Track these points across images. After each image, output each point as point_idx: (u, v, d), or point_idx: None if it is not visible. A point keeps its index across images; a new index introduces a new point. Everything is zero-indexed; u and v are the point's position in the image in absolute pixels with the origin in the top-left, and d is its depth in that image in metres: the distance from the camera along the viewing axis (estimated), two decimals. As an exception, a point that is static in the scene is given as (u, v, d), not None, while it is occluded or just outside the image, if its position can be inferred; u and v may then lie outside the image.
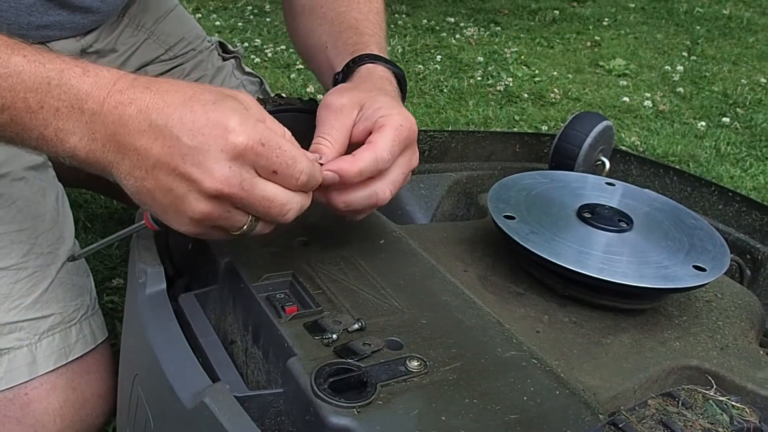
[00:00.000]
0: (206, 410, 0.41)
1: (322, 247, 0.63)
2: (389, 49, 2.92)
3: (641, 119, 2.12)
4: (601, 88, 2.40)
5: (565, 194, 0.81)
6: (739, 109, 2.22)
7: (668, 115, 2.16)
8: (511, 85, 2.35)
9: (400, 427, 0.43)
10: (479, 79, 2.40)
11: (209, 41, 1.08)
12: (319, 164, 0.53)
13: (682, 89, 2.38)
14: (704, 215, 1.01)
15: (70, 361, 0.77)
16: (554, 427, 0.45)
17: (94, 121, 0.50)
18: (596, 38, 2.98)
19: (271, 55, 2.57)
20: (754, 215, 0.98)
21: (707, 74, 2.55)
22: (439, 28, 3.03)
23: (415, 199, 1.02)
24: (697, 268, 0.68)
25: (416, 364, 0.48)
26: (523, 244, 0.68)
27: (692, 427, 0.36)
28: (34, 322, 0.75)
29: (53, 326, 0.77)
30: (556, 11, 3.34)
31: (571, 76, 2.50)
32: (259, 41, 2.74)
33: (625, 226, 0.74)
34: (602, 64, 2.64)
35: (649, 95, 2.31)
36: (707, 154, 1.86)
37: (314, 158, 0.53)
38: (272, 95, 0.83)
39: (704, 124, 2.07)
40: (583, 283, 0.67)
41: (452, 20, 3.15)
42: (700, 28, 3.20)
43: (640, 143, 1.92)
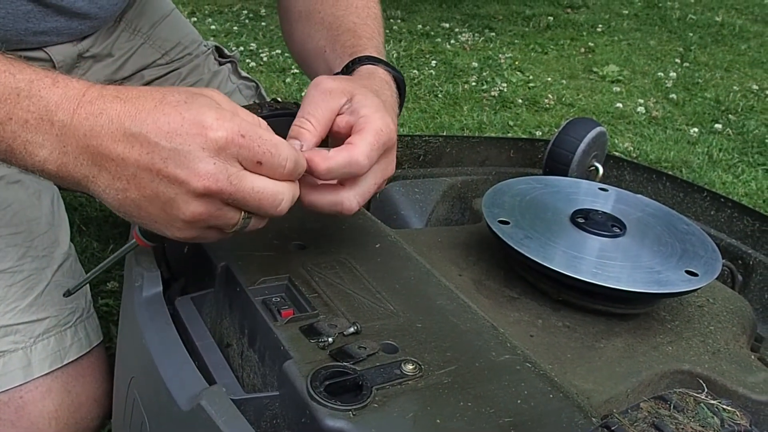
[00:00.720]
0: (203, 413, 0.42)
1: (317, 251, 0.63)
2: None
3: (634, 125, 2.14)
4: (594, 94, 2.41)
5: (558, 199, 0.81)
6: (731, 115, 2.24)
7: (661, 121, 2.18)
8: (505, 90, 2.36)
9: (395, 430, 0.43)
10: (474, 84, 2.42)
11: (205, 45, 1.09)
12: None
13: (675, 95, 2.40)
14: (696, 221, 1.02)
15: (65, 364, 0.77)
16: (548, 430, 0.46)
17: (64, 133, 0.48)
18: (590, 44, 3.00)
19: (266, 59, 2.58)
20: (745, 221, 0.99)
21: (700, 81, 2.57)
22: (433, 33, 3.05)
23: (410, 203, 1.03)
24: (689, 273, 0.69)
25: (411, 367, 0.49)
26: (517, 248, 0.68)
27: (684, 430, 0.36)
28: (29, 325, 0.75)
29: (48, 329, 0.77)
30: (550, 17, 3.37)
31: (565, 81, 2.52)
32: (254, 45, 2.74)
33: (618, 231, 0.75)
34: (596, 70, 2.65)
35: (642, 101, 2.33)
36: (700, 160, 1.87)
37: (295, 145, 0.53)
38: (268, 100, 0.83)
39: (697, 130, 2.09)
40: (576, 287, 0.67)
41: (447, 26, 3.17)
42: (692, 34, 3.22)
43: (633, 149, 1.94)
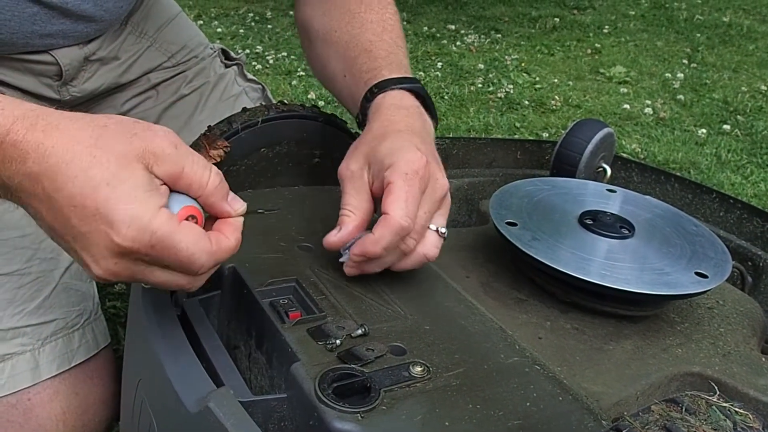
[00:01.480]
0: (211, 415, 0.41)
1: (324, 252, 0.63)
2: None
3: (642, 126, 2.13)
4: (601, 95, 2.40)
5: (566, 201, 0.81)
6: (739, 116, 2.23)
7: (669, 122, 2.17)
8: (511, 92, 2.35)
9: (403, 432, 0.43)
10: (480, 86, 2.41)
11: (212, 48, 1.09)
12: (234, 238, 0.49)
13: (682, 96, 2.39)
14: (705, 222, 1.01)
15: (72, 366, 0.77)
16: (557, 433, 0.45)
17: None
18: (596, 45, 2.99)
19: (272, 61, 2.59)
20: (755, 222, 0.99)
21: (707, 81, 2.56)
22: (439, 35, 3.05)
23: (416, 205, 1.03)
24: (699, 274, 0.68)
25: (419, 369, 0.48)
26: (525, 250, 0.68)
27: (695, 433, 0.36)
28: (37, 327, 0.76)
29: (56, 331, 0.77)
30: (556, 19, 3.36)
31: (571, 83, 2.51)
32: (260, 48, 2.75)
33: (626, 232, 0.74)
34: (603, 71, 2.65)
35: (649, 102, 2.32)
36: (708, 161, 1.86)
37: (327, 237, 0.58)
38: (274, 102, 0.83)
39: (705, 131, 2.08)
40: (585, 289, 0.67)
41: (453, 27, 3.17)
42: (700, 35, 3.21)
43: (640, 150, 1.93)
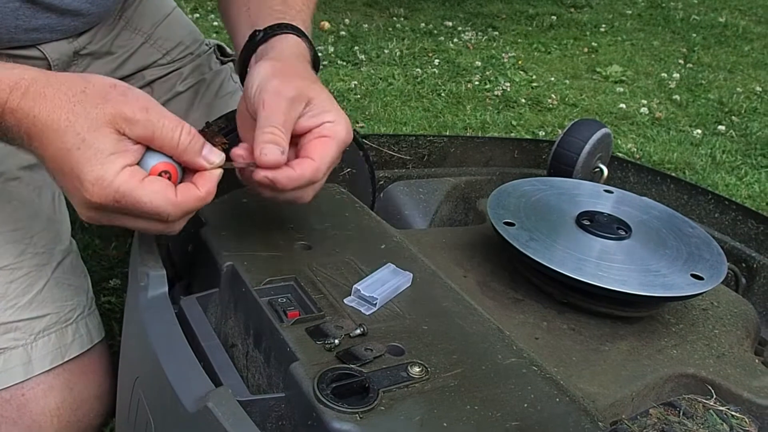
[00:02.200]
0: (209, 415, 0.41)
1: (323, 251, 0.63)
2: (387, 51, 2.92)
3: (637, 126, 2.13)
4: (597, 94, 2.41)
5: (564, 201, 0.81)
6: (734, 117, 2.24)
7: (664, 122, 2.18)
8: (508, 90, 2.36)
9: (401, 433, 0.43)
10: (477, 83, 2.41)
11: (207, 44, 1.08)
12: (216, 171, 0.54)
13: (678, 96, 2.39)
14: (700, 223, 1.02)
15: (66, 361, 0.77)
16: (554, 434, 0.45)
17: None
18: (593, 44, 2.99)
19: (269, 56, 2.57)
20: (749, 224, 0.99)
21: (703, 82, 2.57)
22: (437, 31, 3.04)
23: (413, 203, 1.03)
24: (694, 276, 0.69)
25: (418, 370, 0.48)
26: (522, 250, 0.68)
27: (692, 436, 0.36)
28: (29, 322, 0.75)
29: (49, 326, 0.76)
30: (553, 17, 3.36)
31: (568, 81, 2.51)
32: (257, 42, 2.74)
33: (623, 233, 0.74)
34: (599, 70, 2.65)
35: (645, 102, 2.32)
36: (703, 161, 1.87)
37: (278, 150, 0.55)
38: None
39: (700, 131, 2.08)
40: (582, 290, 0.67)
41: (450, 24, 3.16)
42: (696, 35, 3.22)
43: (636, 150, 1.93)
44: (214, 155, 0.54)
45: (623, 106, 2.28)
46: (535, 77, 2.52)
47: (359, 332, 0.52)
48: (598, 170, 1.03)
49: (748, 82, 2.63)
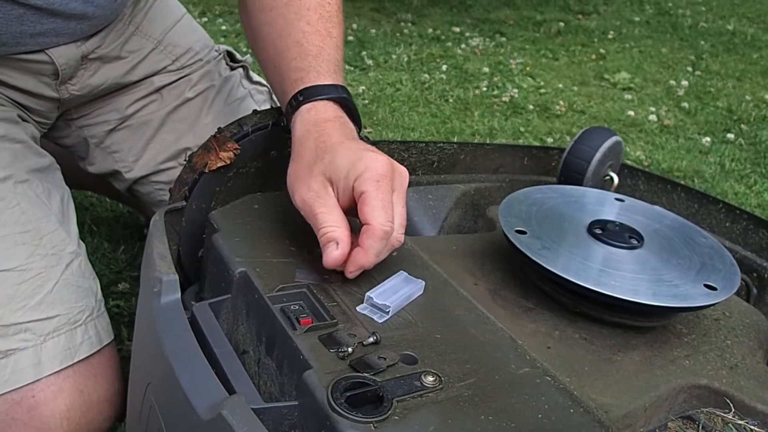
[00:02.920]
0: (224, 423, 0.41)
1: (335, 258, 0.63)
2: (395, 57, 2.91)
3: (646, 133, 2.13)
4: (606, 101, 2.40)
5: (575, 209, 0.81)
6: (743, 125, 2.23)
7: (673, 129, 2.17)
8: (516, 96, 2.35)
9: (415, 443, 0.43)
10: (485, 89, 2.41)
11: (217, 50, 1.08)
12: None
13: (686, 104, 2.39)
14: (711, 232, 1.01)
15: (75, 362, 0.77)
16: (569, 445, 0.45)
17: None
18: (601, 51, 2.99)
19: (277, 61, 2.58)
20: (761, 233, 0.99)
21: (712, 89, 2.56)
22: (444, 37, 3.05)
23: (423, 210, 1.03)
24: (708, 287, 0.68)
25: (431, 379, 0.48)
26: (535, 259, 0.68)
27: (710, 450, 0.36)
28: (39, 323, 0.75)
29: (58, 327, 0.76)
30: (561, 23, 3.36)
31: (576, 88, 2.51)
32: (265, 47, 2.75)
33: (635, 243, 0.74)
34: (607, 77, 2.65)
35: (653, 109, 2.32)
36: (712, 170, 1.86)
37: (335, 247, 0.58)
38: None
39: (709, 139, 2.08)
40: (594, 299, 0.67)
41: (458, 30, 3.17)
42: (704, 43, 3.21)
43: (645, 157, 1.93)
44: None
45: (631, 113, 2.27)
46: (542, 84, 2.52)
47: (372, 340, 0.51)
48: (608, 178, 1.02)
49: (756, 90, 2.62)
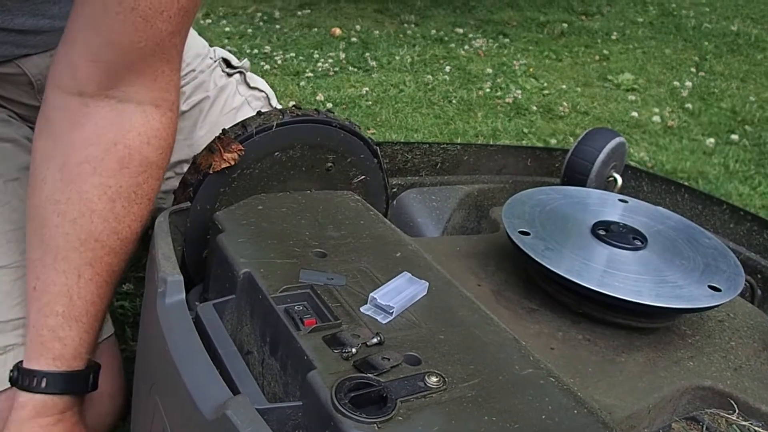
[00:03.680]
0: (228, 423, 0.41)
1: (338, 259, 0.63)
2: (398, 58, 2.90)
3: (650, 134, 2.13)
4: (609, 102, 2.40)
5: (578, 210, 0.81)
6: (747, 126, 2.23)
7: (677, 131, 2.17)
8: (519, 97, 2.35)
9: (419, 443, 0.43)
10: (488, 90, 2.41)
11: (212, 58, 1.05)
12: None
13: (690, 105, 2.38)
14: (715, 233, 1.01)
15: None
16: (573, 446, 0.45)
17: None
18: (605, 52, 2.99)
19: (280, 62, 2.59)
20: (765, 235, 0.98)
21: (716, 90, 2.55)
22: (447, 38, 3.05)
23: (426, 211, 1.03)
24: (712, 288, 0.68)
25: (435, 380, 0.48)
26: (539, 260, 0.68)
27: (714, 451, 0.36)
28: None
29: None
30: (564, 24, 3.36)
31: (579, 89, 2.51)
32: (268, 48, 2.75)
33: (639, 244, 0.74)
34: (611, 78, 2.64)
35: (657, 110, 2.31)
36: (716, 171, 1.86)
37: None
38: (291, 105, 0.83)
39: (713, 140, 2.07)
40: (598, 300, 0.67)
41: (461, 31, 3.17)
42: (708, 44, 3.21)
43: (648, 159, 1.93)
44: None
45: (635, 114, 2.27)
46: (546, 85, 2.51)
47: (376, 341, 0.51)
48: (612, 179, 1.02)
49: (761, 90, 2.61)
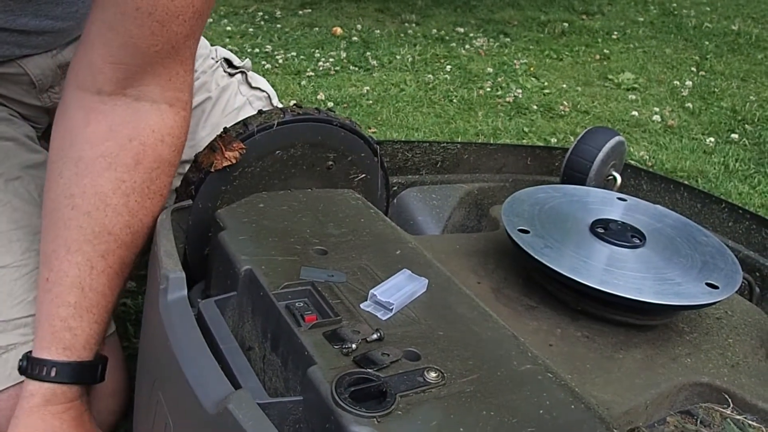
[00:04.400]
0: (229, 417, 0.42)
1: (339, 256, 0.64)
2: (399, 57, 2.91)
3: (650, 134, 2.13)
4: (609, 101, 2.41)
5: (577, 209, 0.82)
6: (747, 125, 2.23)
7: (677, 130, 2.17)
8: (520, 96, 2.36)
9: (418, 437, 0.43)
10: (489, 90, 2.41)
11: (213, 58, 1.05)
12: None
13: (690, 104, 2.39)
14: (714, 232, 1.02)
15: None
16: (570, 441, 0.46)
17: None
18: (605, 51, 2.99)
19: (281, 61, 2.59)
20: (764, 233, 0.99)
21: (716, 90, 2.56)
22: (448, 38, 3.05)
23: (427, 209, 1.03)
24: (709, 285, 0.69)
25: (434, 375, 0.49)
26: (538, 258, 0.68)
27: (708, 444, 0.36)
28: None
29: None
30: (565, 23, 3.36)
31: (580, 89, 2.51)
32: (269, 47, 2.76)
33: (638, 241, 0.75)
34: (611, 77, 2.65)
35: (657, 110, 2.32)
36: (716, 170, 1.86)
37: None
38: (292, 104, 0.83)
39: (713, 139, 2.08)
40: (596, 297, 0.67)
41: (462, 30, 3.17)
42: (708, 43, 3.21)
43: (648, 158, 1.93)
44: None
45: (635, 113, 2.27)
46: (546, 84, 2.52)
47: (376, 337, 0.52)
48: (611, 178, 1.03)
49: (761, 90, 2.62)
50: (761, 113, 2.33)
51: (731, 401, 0.61)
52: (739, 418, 0.37)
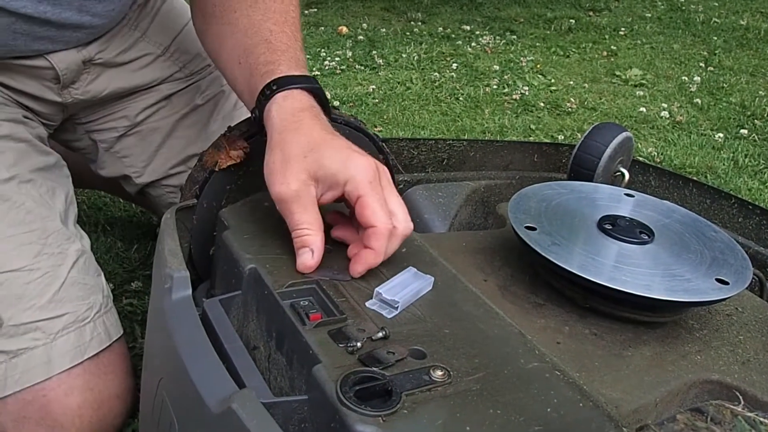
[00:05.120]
0: (234, 416, 0.42)
1: (344, 255, 0.63)
2: (405, 56, 2.91)
3: (658, 130, 2.12)
4: (617, 98, 2.39)
5: (585, 205, 0.81)
6: (757, 120, 2.21)
7: (685, 126, 2.16)
8: (527, 93, 2.35)
9: (424, 436, 0.43)
10: (495, 87, 2.41)
11: None
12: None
13: (699, 100, 2.37)
14: (723, 228, 1.00)
15: (85, 359, 0.77)
16: (578, 439, 0.45)
17: None
18: (612, 48, 2.97)
19: (287, 61, 2.59)
20: (774, 229, 0.98)
21: (725, 85, 2.54)
22: (454, 36, 3.04)
23: (433, 207, 1.03)
24: (719, 281, 0.68)
25: (440, 373, 0.48)
26: (545, 255, 0.68)
27: (719, 442, 0.36)
28: (48, 321, 0.76)
29: (67, 325, 0.77)
30: (571, 20, 3.34)
31: (587, 85, 2.50)
32: (275, 47, 2.75)
33: (646, 238, 0.74)
34: (618, 73, 2.63)
35: (666, 106, 2.30)
36: (725, 165, 1.85)
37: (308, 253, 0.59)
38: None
39: (722, 135, 2.06)
40: (605, 294, 0.67)
41: (468, 28, 3.16)
42: (717, 38, 3.18)
43: (657, 154, 1.92)
44: None
45: (643, 109, 2.26)
46: (553, 81, 2.51)
47: (381, 335, 0.52)
48: (619, 174, 1.02)
49: (770, 85, 2.60)
50: (771, 108, 2.31)
51: (742, 398, 0.61)
52: (750, 415, 0.36)
